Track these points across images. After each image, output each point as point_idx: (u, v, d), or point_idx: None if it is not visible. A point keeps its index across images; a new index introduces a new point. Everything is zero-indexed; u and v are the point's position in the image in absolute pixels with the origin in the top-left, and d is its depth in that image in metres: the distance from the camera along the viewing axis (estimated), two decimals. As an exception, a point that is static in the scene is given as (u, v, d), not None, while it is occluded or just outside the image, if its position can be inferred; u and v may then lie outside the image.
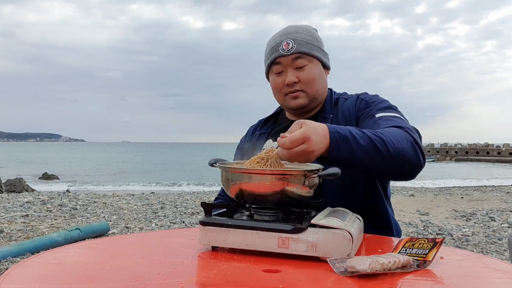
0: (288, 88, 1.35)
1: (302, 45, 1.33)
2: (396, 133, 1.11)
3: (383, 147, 1.06)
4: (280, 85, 1.36)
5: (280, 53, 1.33)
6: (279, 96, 1.40)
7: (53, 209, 7.04)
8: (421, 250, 0.89)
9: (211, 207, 0.99)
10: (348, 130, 1.05)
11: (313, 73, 1.34)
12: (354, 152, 1.03)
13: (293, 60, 1.33)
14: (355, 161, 1.04)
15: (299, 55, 1.32)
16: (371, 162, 1.06)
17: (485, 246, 4.70)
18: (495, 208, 7.61)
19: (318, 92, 1.37)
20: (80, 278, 0.76)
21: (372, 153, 1.05)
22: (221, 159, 1.09)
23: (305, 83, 1.34)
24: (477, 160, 43.34)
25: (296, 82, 1.33)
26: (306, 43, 1.34)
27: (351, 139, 1.03)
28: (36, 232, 5.23)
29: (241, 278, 0.77)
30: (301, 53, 1.33)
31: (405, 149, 1.09)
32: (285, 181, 0.92)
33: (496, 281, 0.80)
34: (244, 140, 1.57)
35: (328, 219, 0.91)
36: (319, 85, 1.37)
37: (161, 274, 0.79)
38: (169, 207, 7.65)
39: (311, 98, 1.36)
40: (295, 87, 1.34)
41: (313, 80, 1.34)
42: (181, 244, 1.01)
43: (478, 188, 12.63)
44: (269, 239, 0.89)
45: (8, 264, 3.77)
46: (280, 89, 1.37)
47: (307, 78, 1.33)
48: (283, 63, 1.34)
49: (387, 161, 1.07)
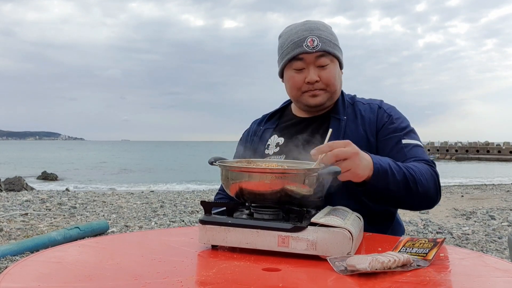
0: (307, 86, 1.32)
1: (327, 44, 1.31)
2: (426, 171, 1.19)
3: (413, 185, 1.14)
4: (299, 82, 1.33)
5: (304, 49, 1.30)
6: (296, 93, 1.36)
7: (52, 207, 7.04)
8: (422, 250, 0.88)
9: (211, 206, 0.99)
10: (388, 163, 1.12)
11: (334, 73, 1.33)
12: (389, 186, 1.11)
13: (316, 58, 1.30)
14: (387, 193, 1.13)
15: (323, 54, 1.30)
16: (399, 196, 1.15)
17: (485, 244, 4.71)
18: (495, 207, 7.62)
19: (336, 92, 1.37)
20: (80, 276, 0.76)
21: (403, 188, 1.13)
22: (221, 158, 1.09)
23: (325, 82, 1.32)
24: (477, 159, 43.37)
25: (317, 81, 1.31)
26: (329, 42, 1.33)
27: (390, 173, 1.11)
28: (36, 230, 5.23)
29: (241, 276, 0.77)
30: (325, 51, 1.30)
31: (430, 187, 1.18)
32: (285, 179, 0.92)
33: (496, 280, 0.80)
34: (247, 134, 1.54)
35: (328, 217, 0.91)
36: (337, 85, 1.36)
37: (160, 272, 0.78)
38: (169, 205, 7.65)
39: (329, 97, 1.35)
40: (316, 86, 1.32)
41: (334, 79, 1.33)
42: (180, 243, 1.01)
43: (478, 186, 12.64)
44: (269, 237, 0.89)
45: (8, 263, 3.77)
46: (299, 87, 1.34)
47: (328, 78, 1.32)
48: (306, 60, 1.31)
49: (413, 197, 1.16)
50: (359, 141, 1.27)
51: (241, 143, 1.55)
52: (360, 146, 1.28)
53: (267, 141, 1.43)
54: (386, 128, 1.31)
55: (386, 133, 1.31)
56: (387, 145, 1.29)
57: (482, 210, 7.21)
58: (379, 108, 1.35)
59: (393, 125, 1.31)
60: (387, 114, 1.33)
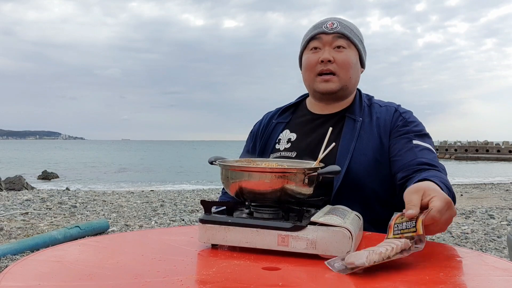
0: (321, 66, 1.31)
1: (346, 29, 1.33)
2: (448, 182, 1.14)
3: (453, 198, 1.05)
4: (313, 62, 1.32)
5: (322, 29, 1.32)
6: (309, 75, 1.34)
7: (52, 207, 7.04)
8: (410, 223, 0.86)
9: (211, 205, 0.99)
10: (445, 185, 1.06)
11: (350, 57, 1.32)
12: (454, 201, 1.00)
13: (333, 39, 1.31)
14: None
15: (341, 36, 1.31)
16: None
17: (484, 243, 4.71)
18: (494, 206, 7.62)
19: (351, 81, 1.33)
20: (80, 275, 0.76)
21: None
22: (221, 157, 1.09)
23: (340, 65, 1.30)
24: (476, 158, 43.36)
25: (331, 61, 1.29)
26: (350, 29, 1.34)
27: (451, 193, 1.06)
28: (36, 230, 5.23)
29: (241, 275, 0.77)
30: (343, 34, 1.31)
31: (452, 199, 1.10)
32: (285, 179, 0.92)
33: (495, 279, 0.80)
34: (259, 126, 1.51)
35: (327, 217, 0.91)
36: (353, 73, 1.33)
37: (160, 271, 0.79)
38: (169, 205, 7.65)
39: (342, 85, 1.32)
40: (329, 66, 1.30)
41: (349, 64, 1.31)
42: (180, 242, 1.01)
43: (478, 185, 12.63)
44: (268, 236, 0.89)
45: (8, 262, 3.77)
46: (312, 67, 1.32)
47: (343, 61, 1.30)
48: (323, 40, 1.31)
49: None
50: (372, 144, 1.27)
51: (251, 136, 1.52)
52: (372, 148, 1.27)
53: (278, 136, 1.41)
54: (399, 130, 1.29)
55: (398, 134, 1.29)
56: (398, 144, 1.27)
57: (481, 209, 7.21)
58: (395, 111, 1.34)
59: (407, 127, 1.29)
60: (402, 117, 1.32)
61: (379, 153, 1.27)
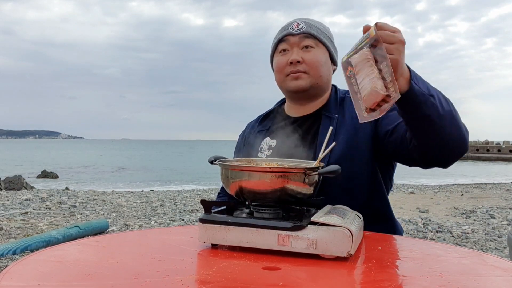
0: (290, 68, 1.31)
1: (312, 28, 1.33)
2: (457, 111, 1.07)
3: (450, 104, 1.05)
4: (283, 64, 1.33)
5: (289, 31, 1.33)
6: (280, 77, 1.36)
7: (52, 206, 7.04)
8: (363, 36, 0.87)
9: (211, 205, 0.98)
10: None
11: (318, 56, 1.32)
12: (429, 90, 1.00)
13: (300, 39, 1.31)
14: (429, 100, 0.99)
15: (307, 35, 1.31)
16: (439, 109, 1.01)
17: (485, 243, 4.71)
18: (495, 206, 7.62)
19: (322, 79, 1.33)
20: (80, 275, 0.76)
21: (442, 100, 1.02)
22: (221, 157, 1.09)
23: (309, 64, 1.30)
24: (477, 158, 43.38)
25: (299, 62, 1.30)
26: (316, 28, 1.34)
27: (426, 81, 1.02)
28: (36, 229, 5.23)
29: (241, 275, 0.77)
30: (309, 34, 1.32)
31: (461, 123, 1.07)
32: (285, 178, 0.92)
33: (496, 279, 0.80)
34: (242, 138, 1.53)
35: (328, 216, 0.91)
36: (323, 72, 1.33)
37: (160, 271, 0.78)
38: (169, 204, 7.65)
39: (313, 83, 1.32)
40: (298, 67, 1.30)
41: (318, 63, 1.31)
42: (180, 242, 1.01)
43: (478, 185, 12.63)
44: (269, 236, 0.89)
45: (8, 262, 3.77)
46: (282, 69, 1.34)
47: (312, 60, 1.31)
48: (290, 41, 1.32)
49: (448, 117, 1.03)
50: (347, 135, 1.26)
51: (237, 148, 1.54)
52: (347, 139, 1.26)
53: (259, 145, 1.42)
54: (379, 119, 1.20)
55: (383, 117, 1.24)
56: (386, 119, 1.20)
57: (482, 209, 7.21)
58: None
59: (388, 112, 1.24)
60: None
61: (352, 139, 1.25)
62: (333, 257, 0.86)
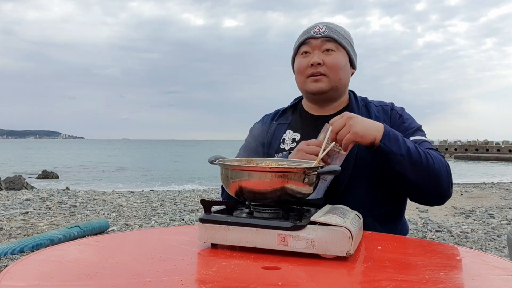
0: (311, 69, 1.35)
1: (334, 32, 1.37)
2: (438, 156, 1.22)
3: (424, 159, 1.17)
4: (304, 65, 1.37)
5: (311, 34, 1.37)
6: (300, 78, 1.39)
7: (52, 206, 7.04)
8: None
9: (211, 204, 0.99)
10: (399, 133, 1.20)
11: (339, 59, 1.36)
12: (400, 149, 1.16)
13: (322, 43, 1.35)
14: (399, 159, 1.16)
15: (329, 39, 1.35)
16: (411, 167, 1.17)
17: (484, 243, 4.71)
18: (494, 205, 7.62)
19: (341, 82, 1.37)
20: (80, 275, 0.76)
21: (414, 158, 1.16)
22: (221, 157, 1.09)
23: (329, 67, 1.34)
24: (476, 157, 43.36)
25: (320, 64, 1.34)
26: (338, 32, 1.38)
27: (400, 138, 1.18)
28: (36, 229, 5.23)
29: (241, 275, 0.77)
30: (331, 38, 1.35)
31: (441, 172, 1.20)
32: (285, 178, 0.92)
33: (495, 278, 0.80)
34: (261, 125, 1.53)
35: (327, 216, 0.91)
36: (342, 75, 1.37)
37: (160, 271, 0.79)
38: (169, 204, 7.65)
39: (332, 85, 1.36)
40: (319, 69, 1.34)
41: (338, 66, 1.35)
42: (180, 242, 1.01)
43: (478, 185, 12.63)
44: (268, 236, 0.89)
45: (8, 262, 3.78)
46: (303, 70, 1.37)
47: (332, 63, 1.34)
48: (312, 44, 1.36)
49: (424, 174, 1.18)
50: None
51: (251, 135, 1.54)
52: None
53: (281, 136, 1.44)
54: (397, 127, 1.33)
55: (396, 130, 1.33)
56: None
57: (481, 208, 7.21)
58: (391, 109, 1.40)
59: (404, 124, 1.35)
60: (399, 115, 1.38)
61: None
62: (332, 256, 0.86)
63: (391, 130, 1.18)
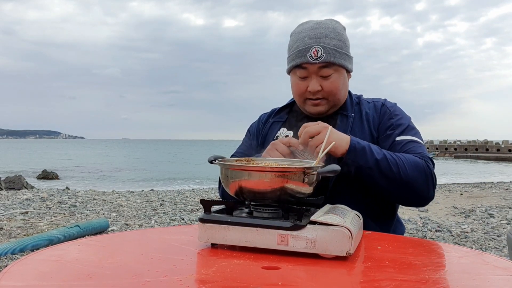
0: (310, 95, 1.34)
1: (331, 54, 1.30)
2: (413, 161, 1.19)
3: (395, 168, 1.16)
4: (302, 90, 1.35)
5: (307, 59, 1.30)
6: (299, 99, 1.39)
7: (52, 206, 7.04)
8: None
9: (211, 204, 0.99)
10: (368, 144, 1.18)
11: (337, 83, 1.33)
12: (368, 162, 1.15)
13: (319, 68, 1.31)
14: (367, 172, 1.16)
15: (327, 64, 1.30)
16: (382, 178, 1.17)
17: (484, 242, 4.71)
18: (494, 205, 7.62)
19: (340, 101, 1.38)
20: (80, 275, 0.76)
21: (383, 169, 1.16)
22: (221, 156, 1.09)
23: (328, 92, 1.33)
24: (476, 157, 43.36)
25: (319, 90, 1.32)
26: (335, 52, 1.31)
27: (368, 150, 1.17)
28: (36, 229, 5.23)
29: (241, 275, 0.77)
30: (329, 62, 1.30)
31: (415, 178, 1.18)
32: (285, 178, 0.92)
33: (495, 278, 0.80)
34: (257, 125, 1.54)
35: (327, 216, 0.91)
36: (341, 94, 1.36)
37: (160, 271, 0.79)
38: (169, 204, 7.65)
39: (331, 105, 1.36)
40: (317, 95, 1.33)
41: (337, 89, 1.33)
42: (180, 241, 1.01)
43: (477, 185, 12.63)
44: (268, 236, 0.89)
45: (8, 261, 3.78)
46: (301, 94, 1.36)
47: (331, 88, 1.32)
48: (309, 70, 1.31)
49: (397, 183, 1.17)
50: (364, 137, 1.31)
51: (248, 135, 1.55)
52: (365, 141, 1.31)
53: (275, 133, 1.45)
54: (384, 123, 1.34)
55: (384, 128, 1.33)
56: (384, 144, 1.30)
57: (481, 208, 7.21)
58: (382, 105, 1.39)
59: (391, 120, 1.34)
60: (389, 111, 1.36)
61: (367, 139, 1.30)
62: (332, 256, 0.86)
63: (358, 143, 1.17)
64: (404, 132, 1.31)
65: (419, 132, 1.35)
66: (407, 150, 1.26)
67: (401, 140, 1.29)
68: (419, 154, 1.24)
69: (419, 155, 1.23)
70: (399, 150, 1.26)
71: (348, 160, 1.16)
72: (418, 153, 1.24)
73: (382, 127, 1.34)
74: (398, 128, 1.31)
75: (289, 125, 1.45)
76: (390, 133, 1.31)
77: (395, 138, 1.29)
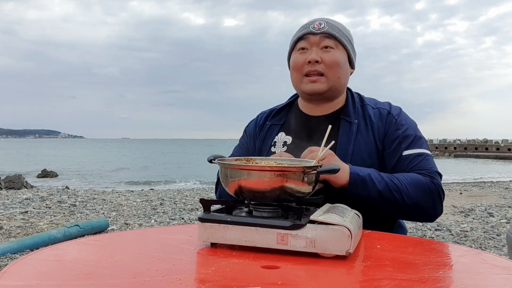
0: (308, 67, 1.29)
1: (333, 29, 1.31)
2: (418, 182, 1.18)
3: (398, 195, 1.16)
4: (300, 62, 1.31)
5: (310, 30, 1.31)
6: (297, 76, 1.33)
7: (52, 205, 7.04)
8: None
9: (210, 204, 0.99)
10: (368, 173, 1.16)
11: (337, 57, 1.30)
12: (370, 193, 1.15)
13: (320, 39, 1.29)
14: (371, 201, 1.16)
15: (328, 36, 1.29)
16: (386, 205, 1.17)
17: (484, 241, 4.71)
18: (493, 204, 7.63)
19: (339, 82, 1.32)
20: (79, 274, 0.76)
21: (386, 198, 1.16)
22: (220, 156, 1.09)
23: (328, 65, 1.28)
24: (475, 156, 43.38)
25: (318, 61, 1.28)
26: (338, 29, 1.32)
27: (369, 181, 1.15)
28: (35, 228, 5.23)
29: (240, 274, 0.77)
30: (330, 34, 1.29)
31: (420, 199, 1.18)
32: (284, 177, 0.92)
33: (494, 277, 0.80)
34: (254, 126, 1.50)
35: (327, 215, 0.91)
36: (341, 74, 1.31)
37: (160, 270, 0.79)
38: (168, 203, 7.65)
39: (330, 85, 1.30)
40: (316, 67, 1.28)
41: (337, 64, 1.29)
42: (180, 241, 1.01)
43: (477, 184, 12.63)
44: (268, 235, 0.89)
45: (7, 261, 3.78)
46: (299, 67, 1.31)
47: (331, 61, 1.28)
48: (310, 40, 1.30)
49: (401, 208, 1.18)
50: (369, 149, 1.28)
51: (244, 136, 1.52)
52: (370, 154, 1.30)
53: (273, 138, 1.41)
54: (391, 135, 1.29)
55: (390, 140, 1.29)
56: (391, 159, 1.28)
57: (481, 207, 7.22)
58: (388, 113, 1.33)
59: (398, 131, 1.29)
60: (395, 120, 1.31)
61: (376, 158, 1.28)
62: (332, 255, 0.86)
63: (358, 174, 1.15)
64: (411, 145, 1.27)
65: (426, 141, 1.32)
66: (414, 166, 1.23)
67: (408, 155, 1.26)
68: (426, 171, 1.22)
69: (425, 171, 1.21)
70: (406, 166, 1.24)
71: (349, 193, 1.15)
72: (424, 170, 1.22)
73: (388, 140, 1.29)
74: (405, 141, 1.27)
75: (287, 129, 1.41)
76: (396, 147, 1.27)
77: (402, 153, 1.26)
